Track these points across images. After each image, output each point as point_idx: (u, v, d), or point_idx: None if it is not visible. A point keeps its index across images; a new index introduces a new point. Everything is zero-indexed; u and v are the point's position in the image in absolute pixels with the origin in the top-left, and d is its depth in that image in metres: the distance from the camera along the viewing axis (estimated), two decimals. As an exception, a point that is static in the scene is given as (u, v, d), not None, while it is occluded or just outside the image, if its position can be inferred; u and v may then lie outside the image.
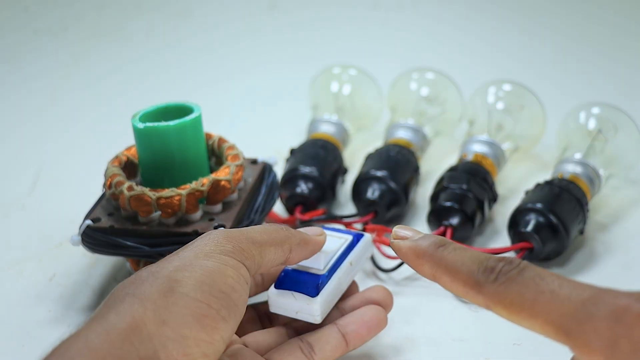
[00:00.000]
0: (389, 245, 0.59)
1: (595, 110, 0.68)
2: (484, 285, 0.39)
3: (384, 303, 0.52)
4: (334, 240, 0.53)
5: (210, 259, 0.42)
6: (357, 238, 0.54)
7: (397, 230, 0.44)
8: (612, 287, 0.58)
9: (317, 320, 0.50)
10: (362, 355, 0.53)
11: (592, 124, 0.68)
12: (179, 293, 0.39)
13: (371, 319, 0.51)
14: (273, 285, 0.51)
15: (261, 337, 0.50)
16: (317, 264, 0.50)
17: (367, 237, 0.55)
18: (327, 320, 0.51)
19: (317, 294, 0.49)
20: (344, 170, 0.71)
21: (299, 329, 0.51)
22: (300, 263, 0.51)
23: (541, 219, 0.60)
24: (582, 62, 0.98)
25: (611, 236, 0.65)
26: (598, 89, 0.90)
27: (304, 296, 0.49)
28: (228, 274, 0.42)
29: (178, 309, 0.39)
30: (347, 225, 0.65)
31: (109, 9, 1.14)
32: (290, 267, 0.51)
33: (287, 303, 0.50)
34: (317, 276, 0.50)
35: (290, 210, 0.68)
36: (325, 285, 0.50)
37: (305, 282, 0.50)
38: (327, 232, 0.54)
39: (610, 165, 0.67)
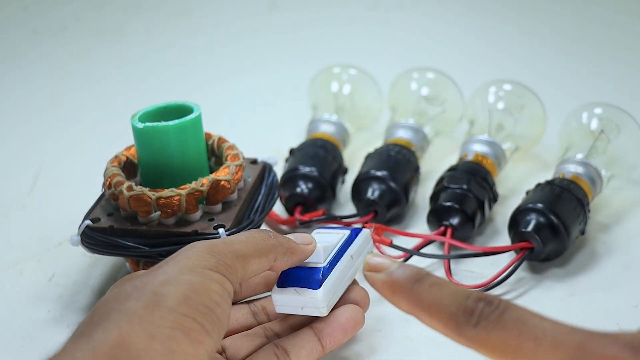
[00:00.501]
0: (388, 244, 0.59)
1: (598, 110, 0.68)
2: (465, 328, 0.37)
3: (362, 303, 0.52)
4: (332, 235, 0.53)
5: (195, 274, 0.41)
6: (355, 232, 0.54)
7: (370, 259, 0.42)
8: (612, 288, 0.59)
9: (324, 312, 0.49)
10: (361, 356, 0.53)
11: (594, 124, 0.68)
12: (166, 307, 0.39)
13: (347, 320, 0.50)
14: (275, 286, 0.50)
15: (239, 341, 0.50)
16: (317, 258, 0.50)
17: (366, 231, 0.54)
18: (304, 322, 0.51)
19: (320, 286, 0.49)
20: (344, 171, 0.70)
21: (278, 331, 0.51)
22: None
23: (542, 219, 0.59)
24: (584, 62, 0.98)
25: (612, 236, 0.64)
26: (600, 89, 0.90)
27: (307, 290, 0.49)
28: (212, 288, 0.41)
29: (165, 323, 0.39)
30: (347, 225, 0.65)
31: (109, 9, 1.14)
32: None
33: (291, 300, 0.50)
34: (317, 269, 0.50)
35: (290, 210, 0.67)
36: (327, 276, 0.49)
37: (307, 276, 0.49)
38: (325, 230, 0.54)
39: (612, 165, 0.66)
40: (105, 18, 1.13)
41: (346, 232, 0.53)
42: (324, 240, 0.52)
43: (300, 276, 0.49)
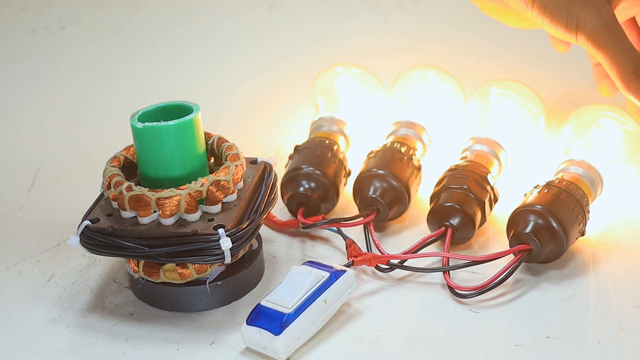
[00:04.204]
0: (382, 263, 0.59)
1: (599, 111, 0.68)
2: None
3: None
4: (309, 277, 0.54)
5: None
6: (336, 276, 0.55)
7: None
8: (613, 289, 0.59)
9: (282, 357, 0.52)
10: (361, 355, 0.53)
11: (595, 125, 0.68)
12: None
13: None
14: (245, 322, 0.53)
15: None
16: (287, 301, 0.52)
17: (349, 273, 0.56)
18: None
19: (280, 333, 0.51)
20: (348, 172, 0.70)
21: None
22: (272, 300, 0.53)
23: (540, 221, 0.59)
24: (585, 62, 0.98)
25: (613, 237, 0.64)
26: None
27: (269, 334, 0.51)
28: None
29: None
30: (356, 224, 0.64)
31: (108, 8, 1.14)
32: (262, 303, 0.53)
33: (255, 339, 0.52)
34: (282, 314, 0.52)
35: (292, 211, 0.67)
36: (290, 323, 0.52)
37: (272, 320, 0.52)
38: (306, 267, 0.55)
39: (613, 166, 0.66)
40: (104, 17, 1.13)
41: (325, 275, 0.55)
42: (298, 282, 0.53)
43: (267, 318, 0.52)
